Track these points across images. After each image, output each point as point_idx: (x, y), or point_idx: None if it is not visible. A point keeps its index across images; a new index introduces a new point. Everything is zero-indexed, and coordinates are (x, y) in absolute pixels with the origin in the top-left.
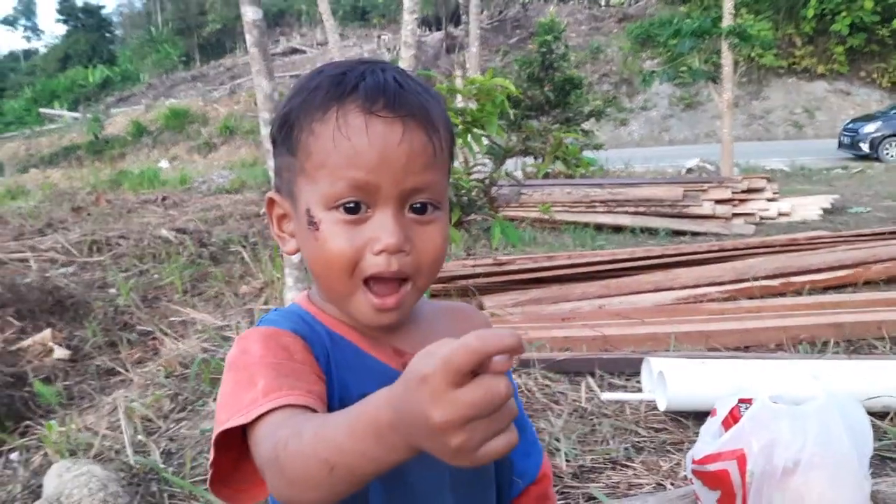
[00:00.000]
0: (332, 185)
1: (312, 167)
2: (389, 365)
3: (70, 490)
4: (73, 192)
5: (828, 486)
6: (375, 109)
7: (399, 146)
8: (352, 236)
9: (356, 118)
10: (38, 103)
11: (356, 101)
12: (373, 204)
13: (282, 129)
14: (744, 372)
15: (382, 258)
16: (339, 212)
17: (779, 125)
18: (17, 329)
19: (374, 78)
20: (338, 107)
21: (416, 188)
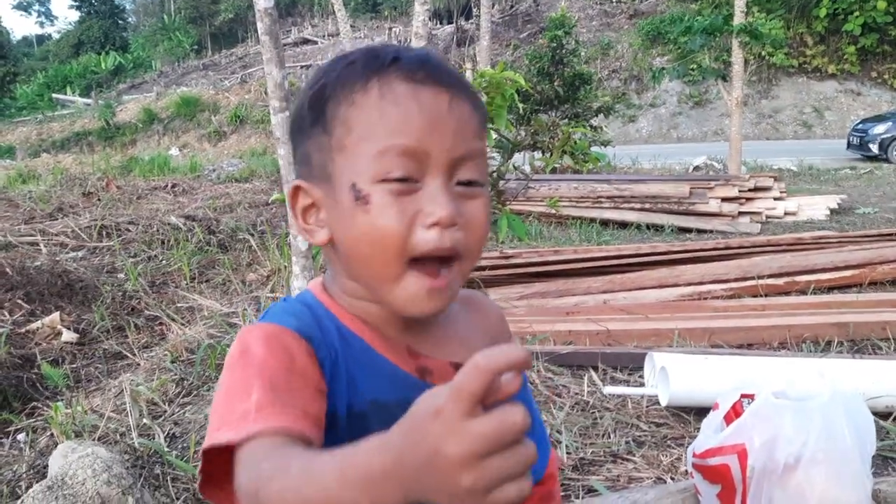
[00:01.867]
0: (380, 155)
1: (355, 141)
2: (403, 368)
3: (74, 471)
4: (84, 178)
5: (829, 482)
6: (419, 78)
7: (449, 113)
8: (403, 208)
9: (401, 86)
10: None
11: (398, 71)
12: (421, 175)
13: (314, 107)
14: (746, 369)
15: (434, 233)
16: (389, 183)
17: (788, 124)
18: (26, 311)
19: (410, 52)
20: (379, 77)
21: (465, 156)
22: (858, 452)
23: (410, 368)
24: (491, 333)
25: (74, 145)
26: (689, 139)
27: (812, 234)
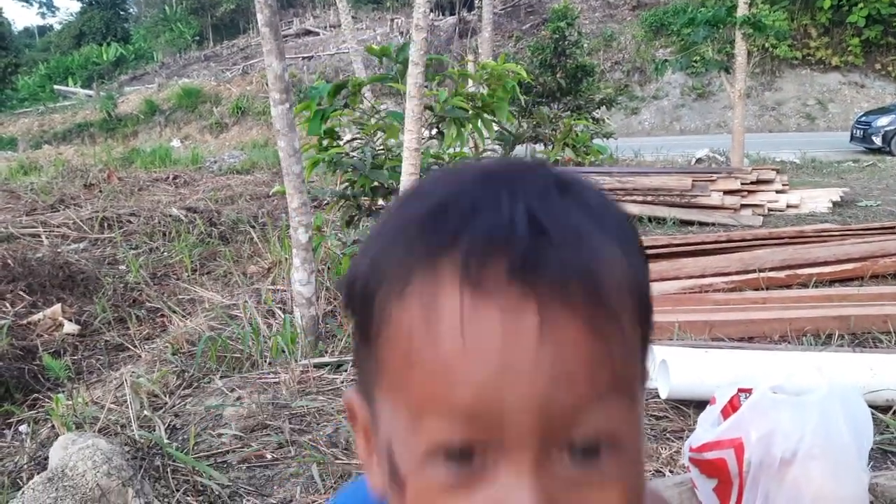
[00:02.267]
0: (419, 419)
1: (392, 380)
2: None
3: (75, 462)
4: (86, 169)
5: (826, 477)
6: (486, 280)
7: (533, 354)
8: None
9: (450, 301)
10: (52, 80)
11: (454, 262)
12: (492, 449)
13: (351, 297)
14: (747, 362)
15: None
16: (439, 464)
17: (791, 117)
18: (27, 303)
19: (493, 213)
20: (426, 273)
21: (574, 423)
22: (855, 447)
23: None
24: None
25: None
26: (692, 131)
27: (814, 227)
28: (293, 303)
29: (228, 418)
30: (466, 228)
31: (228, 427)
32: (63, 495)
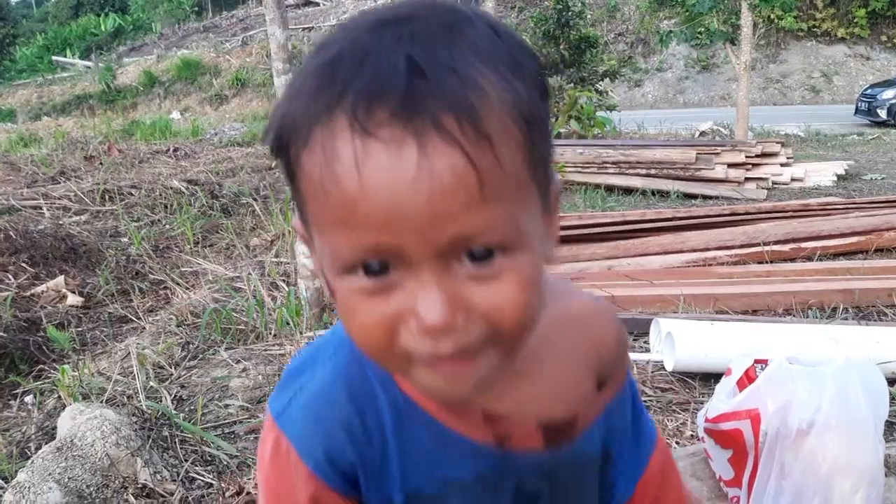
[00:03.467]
0: (337, 248)
1: (314, 219)
2: (477, 439)
3: (83, 432)
4: (86, 141)
5: (841, 448)
6: (372, 125)
7: (415, 183)
8: (378, 310)
9: (344, 144)
10: (50, 51)
11: (345, 111)
12: (400, 263)
13: (274, 152)
14: (753, 335)
15: (427, 341)
16: (357, 277)
17: (795, 89)
18: (30, 275)
19: (376, 63)
20: (323, 125)
21: (462, 237)
22: (871, 418)
23: (487, 437)
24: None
25: (75, 108)
26: (696, 104)
27: (818, 201)
28: (297, 275)
29: (235, 389)
30: (354, 80)
31: (235, 398)
32: (73, 464)
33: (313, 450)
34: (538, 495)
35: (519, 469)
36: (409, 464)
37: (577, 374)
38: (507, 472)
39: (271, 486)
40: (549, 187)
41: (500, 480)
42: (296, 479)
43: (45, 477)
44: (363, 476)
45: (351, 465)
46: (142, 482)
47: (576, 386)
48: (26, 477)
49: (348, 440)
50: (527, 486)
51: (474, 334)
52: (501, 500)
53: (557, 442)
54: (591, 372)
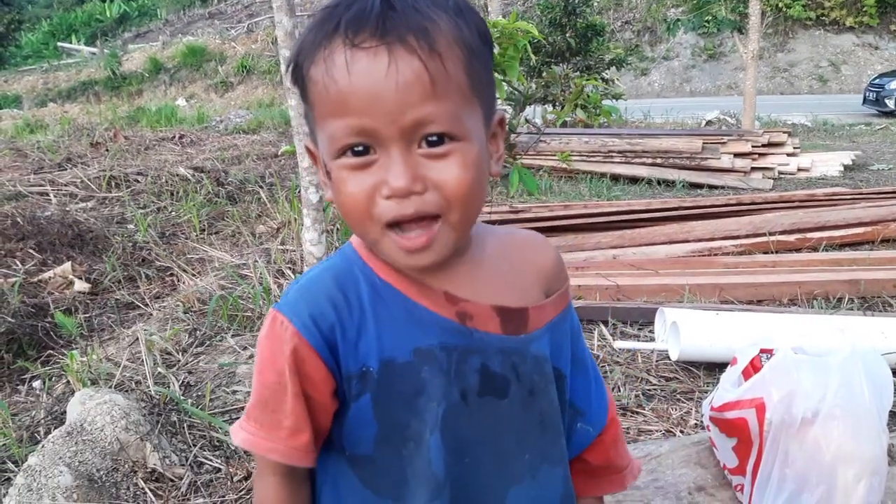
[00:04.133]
0: (333, 133)
1: (319, 115)
2: (441, 314)
3: (93, 417)
4: (92, 128)
5: (845, 437)
6: (358, 41)
7: (386, 79)
8: (361, 181)
9: (339, 55)
10: (55, 37)
11: (339, 35)
12: (378, 145)
13: (293, 78)
14: (758, 325)
15: (393, 203)
16: (347, 158)
17: (803, 79)
18: (38, 261)
19: (361, 4)
20: (325, 46)
21: (418, 122)
22: (876, 408)
23: (450, 313)
24: (544, 276)
25: (81, 95)
26: (702, 93)
27: (825, 191)
28: (303, 262)
29: (242, 376)
30: (345, 15)
31: (242, 384)
32: (83, 448)
33: (300, 313)
34: (507, 380)
35: (482, 347)
36: (384, 333)
37: (525, 279)
38: (470, 347)
39: (264, 355)
40: (493, 114)
41: (465, 354)
42: (283, 337)
43: (55, 461)
44: (342, 342)
45: (331, 329)
46: (151, 466)
47: (524, 286)
48: (37, 460)
49: (331, 307)
50: (493, 366)
51: (430, 202)
52: (470, 376)
53: (513, 328)
54: (536, 281)
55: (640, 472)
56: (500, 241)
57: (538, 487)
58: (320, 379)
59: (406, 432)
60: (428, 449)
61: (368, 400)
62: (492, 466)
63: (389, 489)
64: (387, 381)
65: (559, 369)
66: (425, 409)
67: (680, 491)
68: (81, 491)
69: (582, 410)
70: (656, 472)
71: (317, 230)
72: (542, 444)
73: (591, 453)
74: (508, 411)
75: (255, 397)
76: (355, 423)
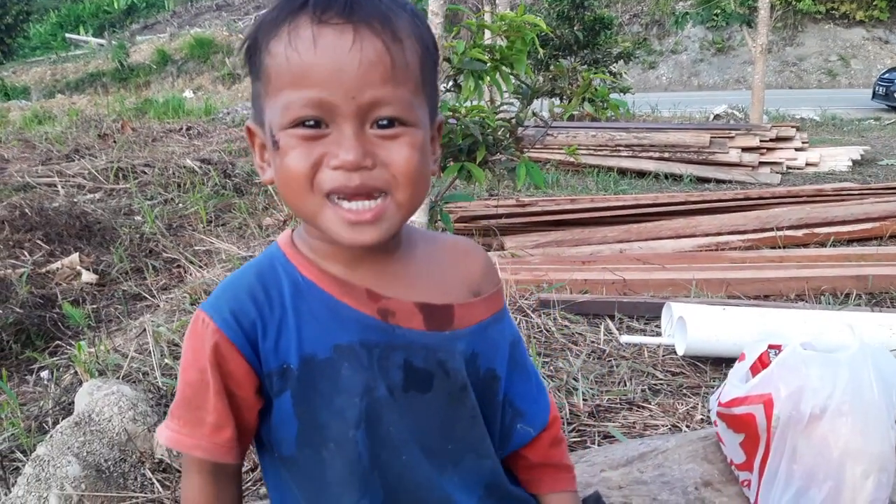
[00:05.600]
0: (288, 104)
1: (273, 88)
2: (362, 311)
3: (101, 408)
4: (99, 119)
5: (854, 434)
6: (326, 18)
7: (350, 55)
8: (308, 151)
9: (305, 30)
10: (63, 28)
11: (307, 12)
12: (331, 121)
13: (248, 54)
14: (765, 320)
15: (339, 174)
16: (298, 129)
17: (812, 73)
18: (45, 252)
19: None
20: (290, 22)
21: (375, 101)
22: (884, 404)
23: (371, 311)
24: (471, 280)
25: (89, 86)
26: (710, 87)
27: (833, 186)
28: None
29: None
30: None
31: None
32: (91, 439)
33: (221, 309)
34: (431, 374)
35: (405, 343)
36: (304, 330)
37: (451, 278)
38: (393, 343)
39: (186, 353)
40: (436, 116)
41: (388, 351)
42: (204, 335)
43: (63, 451)
44: (262, 339)
45: (252, 326)
46: (158, 457)
47: (450, 286)
48: (46, 450)
49: (252, 303)
50: (416, 362)
51: (377, 178)
52: (393, 372)
53: (436, 325)
54: (464, 282)
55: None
56: (430, 244)
57: (461, 476)
58: (242, 375)
59: (326, 432)
60: (354, 444)
61: (289, 397)
62: (421, 458)
63: (313, 493)
64: (307, 378)
65: (493, 369)
66: (347, 406)
67: (687, 486)
68: (89, 481)
69: (522, 412)
70: (663, 467)
71: None
72: (470, 437)
73: (529, 450)
74: (433, 405)
75: (178, 396)
76: (278, 422)
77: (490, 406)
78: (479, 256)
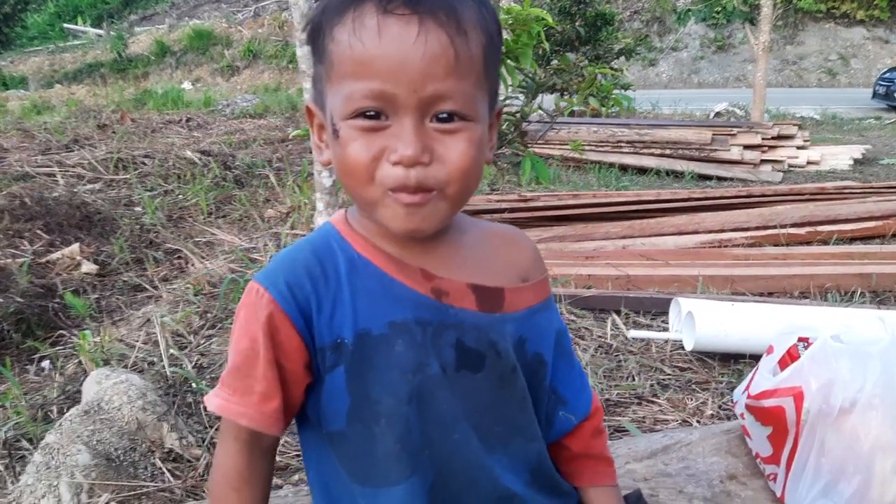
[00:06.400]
0: (351, 94)
1: (336, 76)
2: (417, 290)
3: (110, 396)
4: (98, 110)
5: (884, 427)
6: (391, 8)
7: (414, 47)
8: (369, 143)
9: (370, 19)
10: (61, 18)
11: (372, 0)
12: (392, 113)
13: (311, 37)
14: (775, 316)
15: (400, 170)
16: (359, 120)
17: (812, 72)
18: (45, 242)
19: None
20: (354, 8)
21: (437, 96)
22: None
23: (425, 290)
24: (520, 266)
25: (87, 77)
26: (711, 85)
27: (835, 185)
28: None
29: None
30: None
31: None
32: (100, 427)
33: (277, 281)
34: (483, 355)
35: (457, 322)
36: (360, 306)
37: (501, 264)
38: (445, 322)
39: (239, 322)
40: (495, 105)
41: (440, 329)
42: (259, 305)
43: (73, 439)
44: (317, 313)
45: (306, 300)
46: (168, 447)
47: (500, 270)
48: (55, 439)
49: (307, 277)
50: (468, 342)
51: (432, 176)
52: (445, 350)
53: (488, 306)
54: (513, 268)
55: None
56: (481, 231)
57: (509, 457)
58: (293, 348)
59: (378, 408)
60: (406, 420)
61: (342, 372)
62: (471, 437)
63: (361, 469)
64: (361, 353)
65: (540, 354)
66: (399, 382)
67: (712, 479)
68: (99, 470)
69: (565, 399)
70: (687, 460)
71: (329, 214)
72: (519, 420)
73: (570, 439)
74: (484, 385)
75: (229, 364)
76: (330, 397)
77: (537, 391)
78: (527, 244)
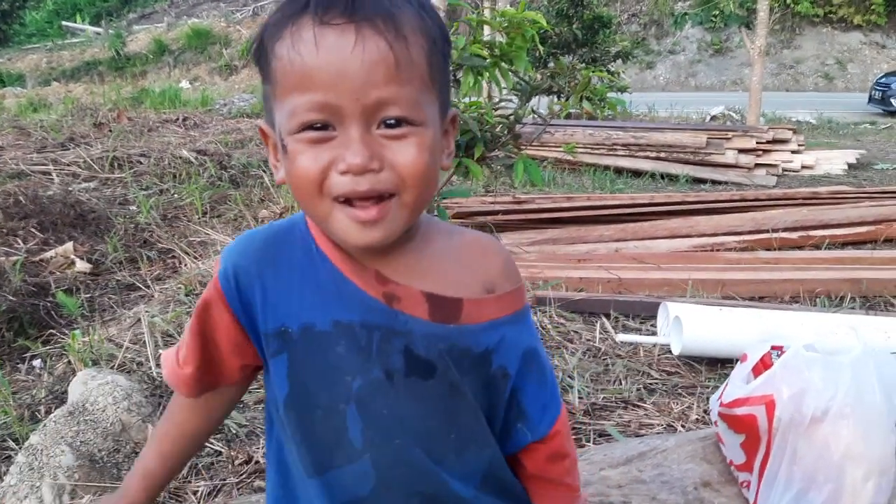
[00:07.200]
0: (295, 108)
1: (280, 92)
2: (367, 292)
3: (95, 398)
4: (95, 108)
5: (855, 436)
6: (328, 18)
7: (352, 55)
8: (317, 156)
9: (307, 32)
10: (59, 16)
11: (309, 12)
12: (338, 123)
13: (256, 56)
14: (761, 322)
15: (348, 178)
16: (306, 132)
17: (808, 76)
18: (39, 240)
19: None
20: (292, 23)
21: (381, 102)
22: (886, 408)
23: (377, 293)
24: (486, 277)
25: (84, 75)
26: (707, 88)
27: (829, 189)
28: None
29: None
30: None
31: None
32: (84, 429)
33: (226, 262)
34: (433, 364)
35: (406, 331)
36: (308, 298)
37: (466, 275)
38: (394, 328)
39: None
40: (448, 110)
41: (388, 335)
42: (211, 280)
43: (57, 440)
44: (261, 298)
45: (250, 284)
46: None
47: (463, 281)
48: (39, 439)
49: (255, 262)
50: (417, 349)
51: (384, 181)
52: (393, 357)
53: (441, 317)
54: (479, 279)
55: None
56: (449, 239)
57: (462, 464)
58: (223, 326)
59: (315, 400)
60: (343, 418)
61: (285, 359)
62: (416, 444)
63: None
64: (304, 345)
65: (504, 367)
66: (337, 383)
67: (686, 486)
68: (83, 471)
69: (527, 415)
70: (662, 467)
71: None
72: (471, 428)
73: (525, 458)
74: (435, 391)
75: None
76: (272, 381)
77: (496, 402)
78: (498, 254)
